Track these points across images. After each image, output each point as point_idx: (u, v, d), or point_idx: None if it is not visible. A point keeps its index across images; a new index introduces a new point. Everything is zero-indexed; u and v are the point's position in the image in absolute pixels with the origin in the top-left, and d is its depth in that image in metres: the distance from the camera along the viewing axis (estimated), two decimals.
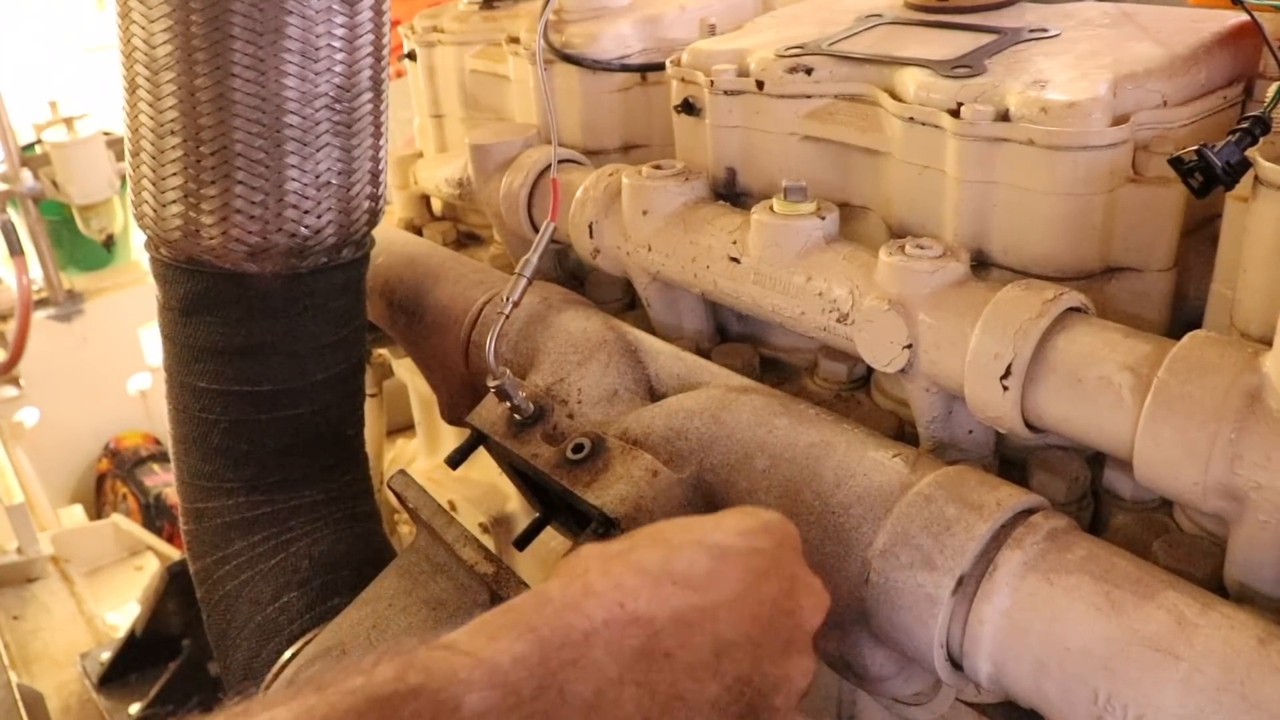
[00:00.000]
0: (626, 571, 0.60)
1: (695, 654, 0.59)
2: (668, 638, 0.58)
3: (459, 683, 0.52)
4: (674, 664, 0.58)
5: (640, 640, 0.57)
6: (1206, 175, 0.77)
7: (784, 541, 0.67)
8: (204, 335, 1.07)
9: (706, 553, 0.62)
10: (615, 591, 0.58)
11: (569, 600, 0.57)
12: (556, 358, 1.01)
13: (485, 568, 0.85)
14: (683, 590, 0.60)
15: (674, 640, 0.58)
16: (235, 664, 1.10)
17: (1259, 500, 0.66)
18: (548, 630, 0.55)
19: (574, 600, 0.57)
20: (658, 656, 0.57)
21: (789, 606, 0.64)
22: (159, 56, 0.99)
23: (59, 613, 2.46)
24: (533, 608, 0.57)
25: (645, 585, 0.59)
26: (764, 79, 1.05)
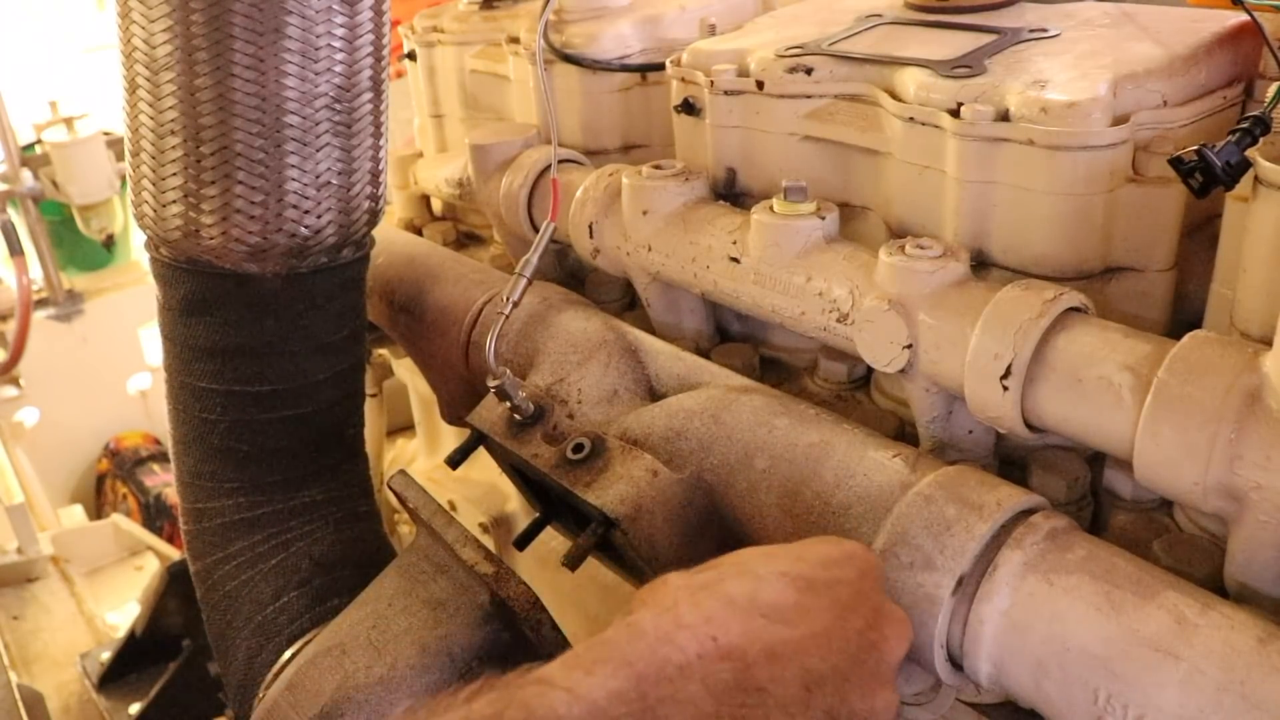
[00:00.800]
0: (716, 604, 0.59)
1: (786, 688, 0.58)
2: (760, 671, 0.58)
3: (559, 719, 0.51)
4: (766, 698, 0.57)
5: (733, 674, 0.57)
6: (1206, 175, 0.77)
7: (867, 572, 0.66)
8: (204, 335, 1.07)
9: (793, 584, 0.62)
10: (707, 625, 0.58)
11: (662, 634, 0.57)
12: (556, 358, 1.01)
13: (485, 568, 0.85)
14: (773, 624, 0.60)
15: (765, 674, 0.58)
16: (235, 664, 1.10)
17: (1259, 500, 0.66)
18: (643, 665, 0.55)
19: (667, 633, 0.57)
20: (751, 690, 0.57)
21: (874, 638, 0.64)
22: (159, 56, 0.99)
23: (59, 613, 2.46)
24: (626, 640, 0.57)
25: (736, 618, 0.59)
26: (764, 79, 1.05)
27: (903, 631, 0.66)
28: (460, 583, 0.89)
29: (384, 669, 0.85)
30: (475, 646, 0.87)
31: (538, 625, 0.83)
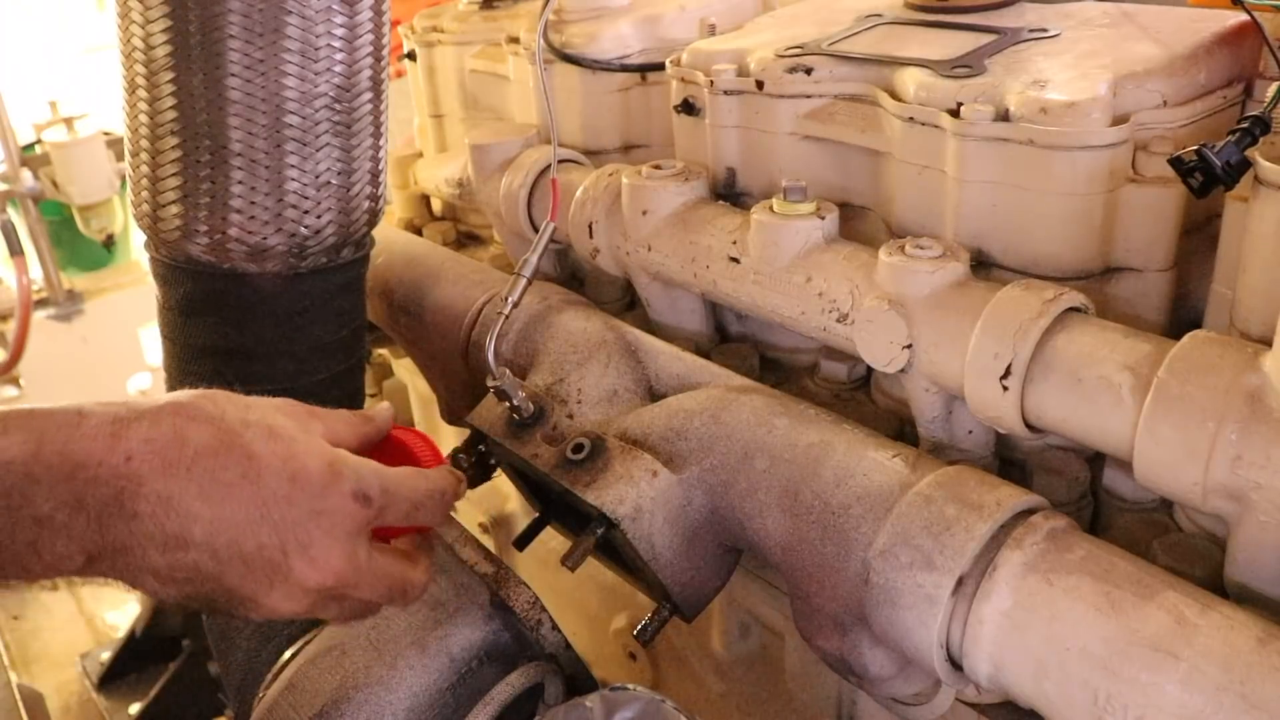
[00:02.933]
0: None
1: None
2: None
3: None
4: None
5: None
6: (1206, 175, 0.77)
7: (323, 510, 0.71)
8: (204, 335, 1.07)
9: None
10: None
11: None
12: (556, 358, 1.01)
13: (485, 568, 0.85)
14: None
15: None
16: (235, 664, 1.10)
17: (1259, 500, 0.66)
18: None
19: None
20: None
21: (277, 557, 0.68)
22: (158, 57, 0.99)
23: (59, 613, 2.46)
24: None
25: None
26: (764, 79, 1.05)
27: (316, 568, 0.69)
28: (460, 583, 0.89)
29: (384, 669, 0.85)
30: (475, 646, 0.87)
31: (538, 625, 0.83)
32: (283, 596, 0.68)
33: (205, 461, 0.65)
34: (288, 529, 0.67)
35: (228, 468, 0.66)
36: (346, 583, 0.70)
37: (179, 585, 0.66)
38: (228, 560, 0.66)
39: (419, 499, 0.74)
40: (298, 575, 0.68)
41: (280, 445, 0.68)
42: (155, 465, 0.63)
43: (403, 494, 0.73)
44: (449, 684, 0.86)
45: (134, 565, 0.64)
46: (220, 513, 0.65)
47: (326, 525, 0.68)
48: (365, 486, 0.70)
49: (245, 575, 0.66)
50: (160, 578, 0.65)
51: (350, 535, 0.69)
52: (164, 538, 0.64)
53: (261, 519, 0.66)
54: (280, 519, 0.67)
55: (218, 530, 0.65)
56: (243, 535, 0.65)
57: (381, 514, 0.71)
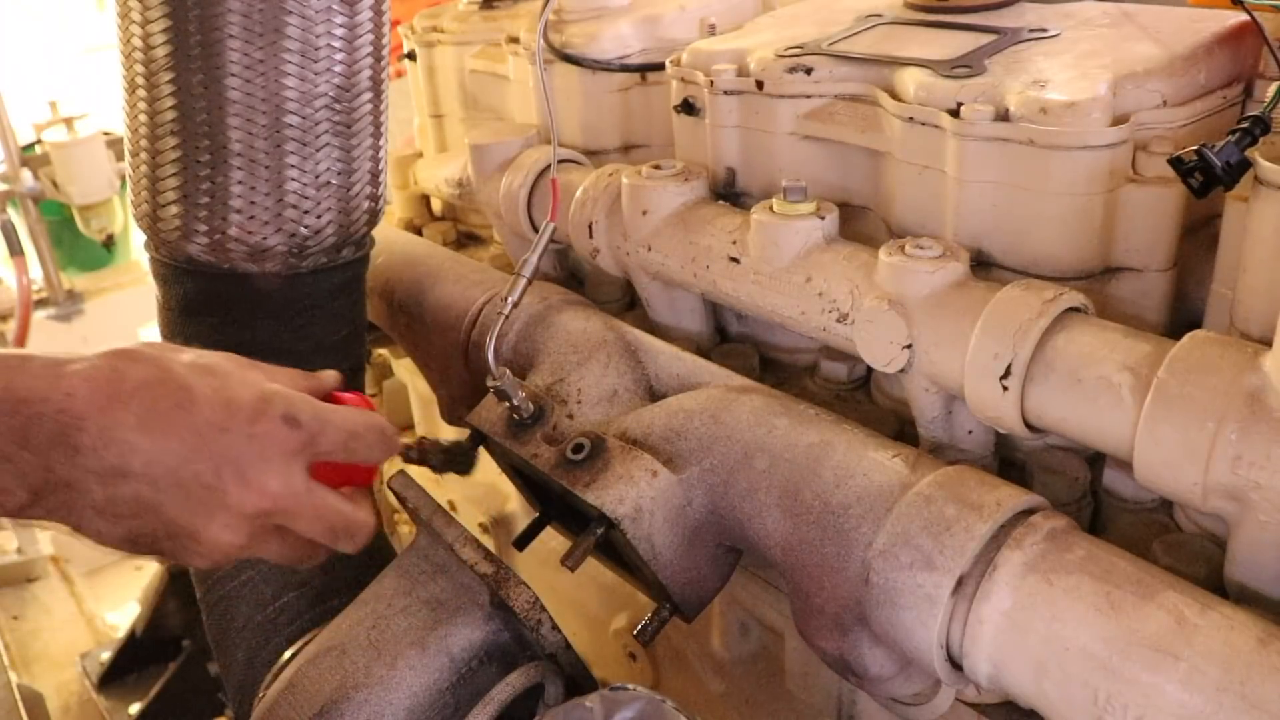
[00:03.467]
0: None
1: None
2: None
3: None
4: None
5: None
6: (1206, 175, 0.77)
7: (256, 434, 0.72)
8: (204, 335, 1.07)
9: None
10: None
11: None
12: (556, 358, 1.01)
13: (485, 568, 0.85)
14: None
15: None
16: (235, 664, 1.10)
17: (1259, 500, 0.66)
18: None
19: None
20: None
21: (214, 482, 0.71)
22: (158, 57, 0.99)
23: (59, 613, 2.46)
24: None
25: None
26: (764, 79, 1.05)
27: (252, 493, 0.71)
28: (460, 583, 0.89)
29: (384, 669, 0.85)
30: (475, 646, 0.87)
31: (538, 625, 0.83)
32: (222, 526, 0.70)
33: (142, 394, 0.67)
34: (222, 455, 0.69)
35: (164, 399, 0.68)
36: (283, 508, 0.72)
37: (122, 521, 0.68)
38: (166, 489, 0.67)
39: (354, 428, 0.76)
40: (234, 500, 0.69)
41: (214, 379, 0.71)
42: (95, 400, 0.66)
43: (335, 421, 0.75)
44: (449, 684, 0.86)
45: (77, 502, 0.66)
46: (158, 443, 0.67)
47: (259, 448, 0.70)
48: (295, 411, 0.72)
49: (184, 505, 0.68)
50: (103, 513, 0.67)
51: (284, 458, 0.71)
52: (104, 470, 0.66)
53: (197, 447, 0.68)
54: (215, 446, 0.69)
55: (155, 460, 0.67)
56: (180, 464, 0.68)
57: (315, 440, 0.73)
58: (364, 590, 0.94)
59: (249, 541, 0.72)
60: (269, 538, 0.74)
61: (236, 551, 0.72)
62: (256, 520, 0.72)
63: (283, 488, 0.71)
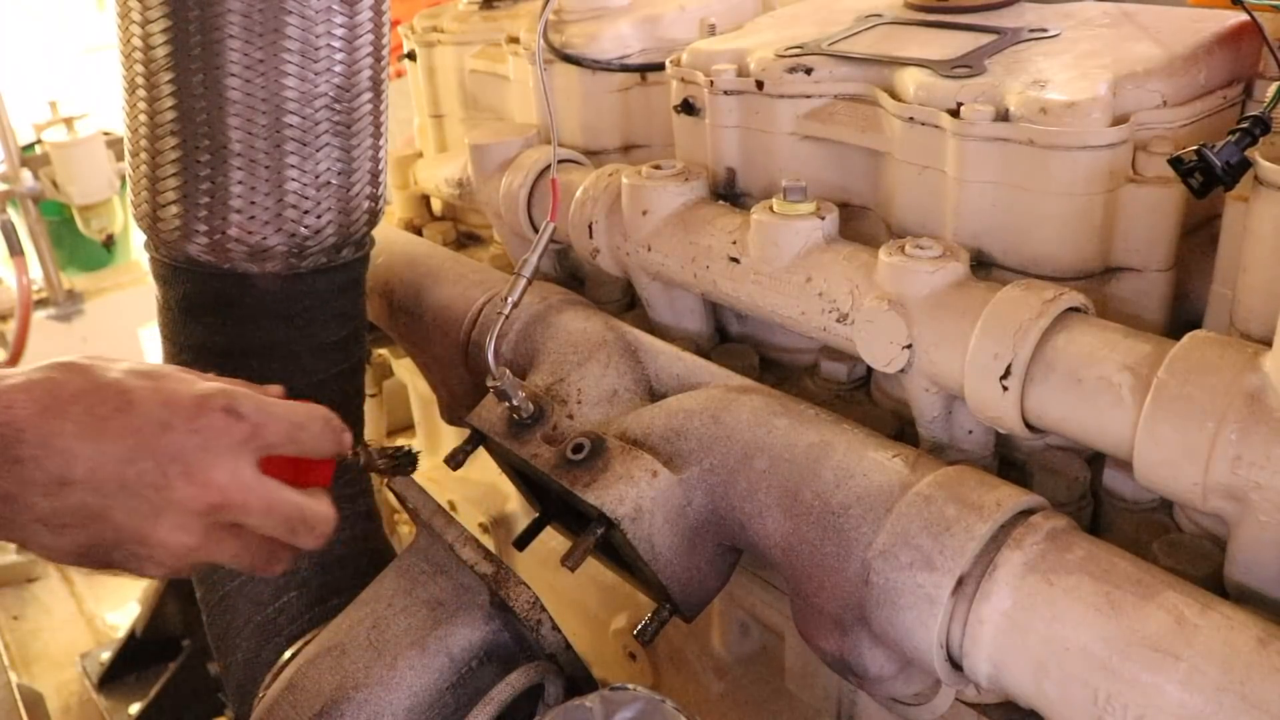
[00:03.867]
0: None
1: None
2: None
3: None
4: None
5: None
6: (1206, 175, 0.77)
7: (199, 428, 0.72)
8: (203, 335, 1.07)
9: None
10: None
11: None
12: (556, 358, 1.01)
13: (485, 568, 0.85)
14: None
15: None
16: (235, 664, 1.10)
17: (1259, 500, 0.66)
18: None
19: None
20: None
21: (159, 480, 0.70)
22: (158, 57, 0.99)
23: (59, 613, 2.46)
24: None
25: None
26: (764, 79, 1.05)
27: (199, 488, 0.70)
28: (460, 583, 0.89)
29: (384, 669, 0.85)
30: (475, 646, 0.87)
31: (538, 625, 0.83)
32: (172, 526, 0.69)
33: (80, 401, 0.67)
34: (165, 453, 0.68)
35: (102, 403, 0.67)
36: (233, 501, 0.70)
37: (68, 532, 0.67)
38: (112, 494, 0.67)
39: (299, 419, 0.75)
40: (181, 497, 0.68)
41: (151, 380, 0.70)
42: (34, 411, 0.65)
43: (279, 412, 0.74)
44: (449, 684, 0.86)
45: (20, 515, 0.66)
46: (99, 448, 0.66)
47: (202, 442, 0.69)
48: (236, 403, 0.71)
49: (131, 508, 0.67)
50: (48, 525, 0.66)
51: (229, 450, 0.70)
52: (47, 480, 0.65)
53: (138, 447, 0.67)
54: (157, 445, 0.68)
55: (98, 465, 0.66)
56: (123, 466, 0.67)
57: (259, 430, 0.72)
58: (364, 590, 0.94)
59: (202, 542, 0.71)
60: (224, 537, 0.72)
61: (190, 554, 0.71)
62: (207, 517, 0.70)
63: (230, 480, 0.70)
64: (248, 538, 0.74)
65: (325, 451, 0.78)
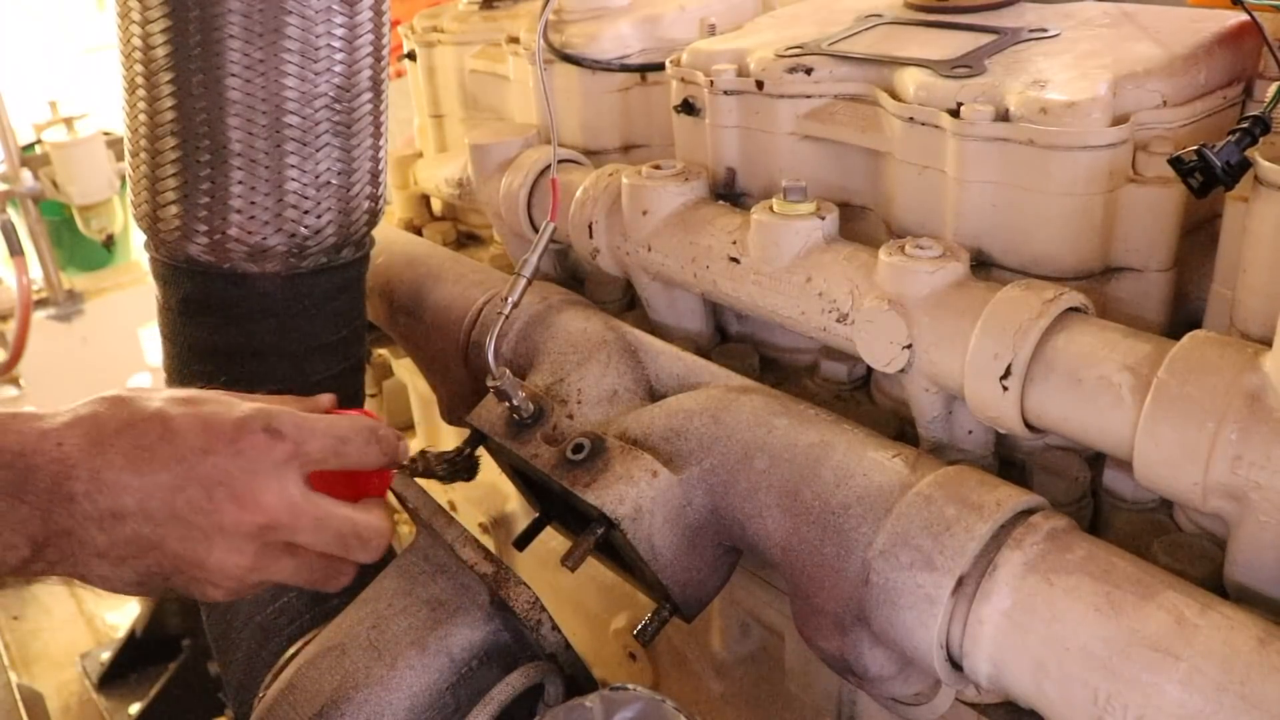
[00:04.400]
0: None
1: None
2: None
3: None
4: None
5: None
6: (1206, 175, 0.76)
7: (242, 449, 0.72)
8: (203, 335, 1.07)
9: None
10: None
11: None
12: (556, 358, 1.01)
13: (485, 568, 0.85)
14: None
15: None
16: (235, 664, 1.10)
17: (1259, 500, 0.66)
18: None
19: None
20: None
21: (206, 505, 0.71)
22: (157, 57, 0.99)
23: (59, 613, 2.46)
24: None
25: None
26: (764, 79, 1.05)
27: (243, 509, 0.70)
28: (460, 583, 0.89)
29: (384, 669, 0.85)
30: (475, 646, 0.87)
31: (538, 625, 0.83)
32: (226, 550, 0.69)
33: (125, 434, 0.68)
34: (211, 477, 0.69)
35: (146, 434, 0.68)
36: (283, 522, 0.71)
37: (126, 564, 0.68)
38: (164, 522, 0.68)
39: (342, 433, 0.75)
40: (231, 520, 0.69)
41: (191, 406, 0.71)
42: (83, 446, 0.66)
43: (319, 428, 0.74)
44: (449, 684, 0.86)
45: (79, 551, 0.67)
46: (147, 478, 0.67)
47: (246, 465, 0.70)
48: (276, 422, 0.72)
49: (183, 535, 0.68)
50: (106, 558, 0.67)
51: (274, 470, 0.71)
52: (100, 514, 0.66)
53: (185, 475, 0.68)
54: (202, 471, 0.69)
55: (148, 495, 0.67)
56: (171, 495, 0.68)
57: (301, 448, 0.72)
58: (364, 590, 0.94)
59: (256, 562, 0.71)
60: (279, 556, 0.73)
61: (246, 574, 0.71)
62: (259, 538, 0.71)
63: (278, 500, 0.71)
64: (303, 555, 0.74)
65: (372, 464, 0.78)
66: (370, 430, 0.77)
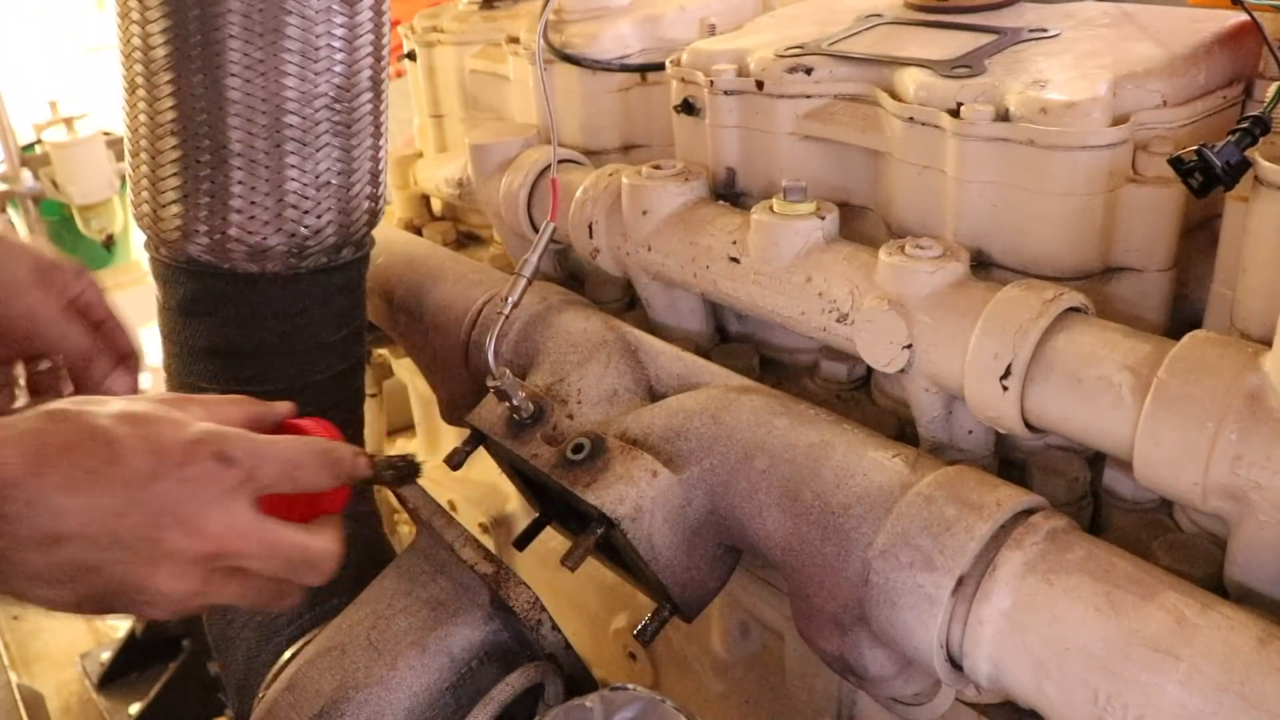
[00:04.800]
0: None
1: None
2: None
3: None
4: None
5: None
6: (1206, 175, 0.77)
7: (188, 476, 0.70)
8: (203, 335, 1.07)
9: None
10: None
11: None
12: (556, 358, 1.01)
13: (485, 568, 0.85)
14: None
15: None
16: (235, 664, 1.10)
17: (1259, 500, 0.66)
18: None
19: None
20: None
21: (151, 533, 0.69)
22: (158, 57, 0.99)
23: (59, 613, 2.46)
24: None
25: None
26: (764, 79, 1.05)
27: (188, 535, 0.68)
28: (460, 583, 0.89)
29: (384, 669, 0.85)
30: (475, 646, 0.87)
31: (538, 625, 0.83)
32: (170, 575, 0.68)
33: (68, 455, 0.65)
34: (156, 504, 0.67)
35: (90, 456, 0.66)
36: (230, 550, 0.69)
37: (65, 586, 0.66)
38: (105, 548, 0.65)
39: (296, 457, 0.73)
40: (175, 547, 0.67)
41: (140, 427, 0.68)
42: (21, 466, 0.64)
43: (272, 453, 0.72)
44: (449, 684, 0.86)
45: (14, 572, 0.64)
46: (89, 502, 0.65)
47: (193, 491, 0.68)
48: (228, 448, 0.69)
49: (125, 561, 0.66)
50: (44, 580, 0.65)
51: (222, 497, 0.69)
52: (38, 537, 0.64)
53: (130, 501, 0.66)
54: (148, 497, 0.66)
55: (89, 520, 0.65)
56: (114, 520, 0.66)
57: (253, 474, 0.70)
58: (364, 590, 0.94)
59: (203, 587, 0.69)
60: (225, 581, 0.71)
61: (192, 599, 0.69)
62: (205, 564, 0.69)
63: (225, 529, 0.69)
64: (251, 579, 0.73)
65: (325, 486, 0.76)
66: (324, 453, 0.75)
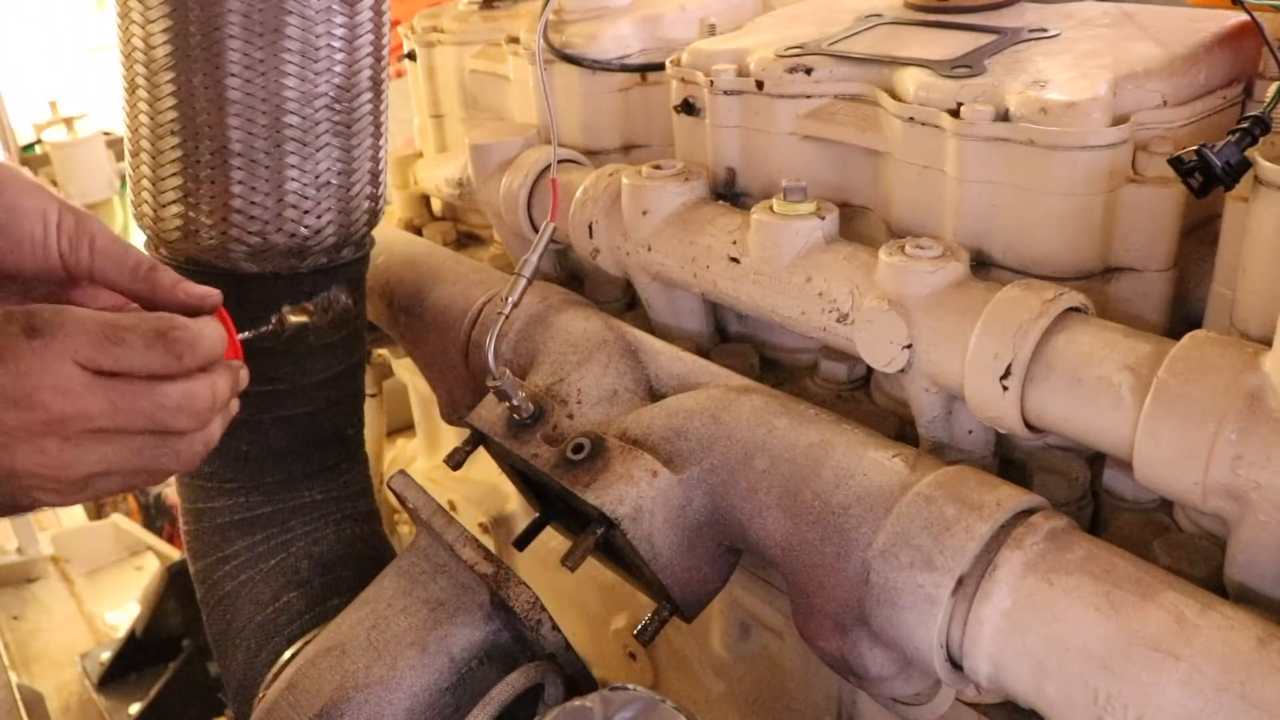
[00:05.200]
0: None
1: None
2: None
3: None
4: None
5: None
6: (1206, 175, 0.77)
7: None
8: None
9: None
10: None
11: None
12: (556, 358, 1.01)
13: (485, 568, 0.85)
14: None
15: None
16: (235, 664, 1.10)
17: (1259, 500, 0.66)
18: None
19: None
20: None
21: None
22: (158, 57, 0.99)
23: (59, 613, 2.46)
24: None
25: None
26: (764, 79, 1.05)
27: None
28: (460, 583, 0.89)
29: (384, 669, 0.86)
30: (475, 646, 0.87)
31: (538, 625, 0.83)
32: (28, 454, 0.67)
33: None
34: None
35: None
36: (69, 413, 0.68)
37: None
38: None
39: (114, 334, 0.70)
40: (16, 425, 0.67)
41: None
42: None
43: (83, 324, 0.70)
44: (449, 684, 0.86)
45: None
46: None
47: (12, 367, 0.67)
48: (34, 320, 0.69)
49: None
50: None
51: (44, 366, 0.68)
52: None
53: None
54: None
55: None
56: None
57: (65, 342, 0.69)
58: (364, 590, 0.94)
59: (65, 458, 0.69)
60: (90, 446, 0.70)
61: (62, 471, 0.69)
62: (56, 434, 0.68)
63: (54, 395, 0.67)
64: (117, 439, 0.71)
65: (155, 368, 0.72)
66: (155, 333, 0.72)
